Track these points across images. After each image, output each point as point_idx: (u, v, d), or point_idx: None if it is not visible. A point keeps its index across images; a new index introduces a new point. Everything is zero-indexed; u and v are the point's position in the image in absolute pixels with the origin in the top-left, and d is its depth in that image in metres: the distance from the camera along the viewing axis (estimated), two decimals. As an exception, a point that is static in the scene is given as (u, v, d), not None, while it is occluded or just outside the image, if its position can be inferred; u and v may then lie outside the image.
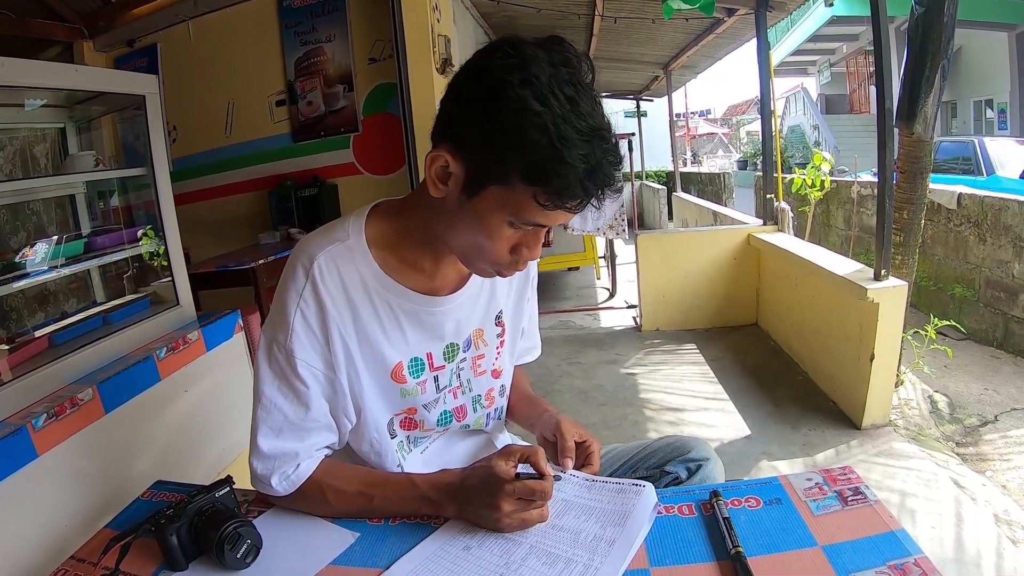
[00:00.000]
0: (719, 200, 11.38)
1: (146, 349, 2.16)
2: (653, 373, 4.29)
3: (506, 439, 1.38)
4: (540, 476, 1.02)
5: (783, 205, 4.83)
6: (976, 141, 9.55)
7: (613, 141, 0.92)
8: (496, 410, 1.31)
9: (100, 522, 1.16)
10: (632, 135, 6.05)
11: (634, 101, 12.72)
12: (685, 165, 19.09)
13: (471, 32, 5.68)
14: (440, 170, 0.98)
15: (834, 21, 18.24)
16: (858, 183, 6.60)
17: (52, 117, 2.68)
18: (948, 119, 17.91)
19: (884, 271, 3.11)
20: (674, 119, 10.44)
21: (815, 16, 19.05)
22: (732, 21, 5.98)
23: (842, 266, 3.52)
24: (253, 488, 1.12)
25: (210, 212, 4.80)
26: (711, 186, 13.07)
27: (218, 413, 2.38)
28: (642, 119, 12.05)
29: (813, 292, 3.93)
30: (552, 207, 0.92)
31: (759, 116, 5.52)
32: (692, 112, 24.76)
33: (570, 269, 7.32)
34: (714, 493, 1.05)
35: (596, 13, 6.03)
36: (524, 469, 1.04)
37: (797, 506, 1.02)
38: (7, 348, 1.95)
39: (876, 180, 3.58)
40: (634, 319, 5.49)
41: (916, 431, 3.22)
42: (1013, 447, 3.22)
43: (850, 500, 1.02)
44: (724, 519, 0.98)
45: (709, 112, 35.45)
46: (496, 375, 1.28)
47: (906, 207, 3.50)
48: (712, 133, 33.40)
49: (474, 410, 1.26)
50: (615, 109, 16.66)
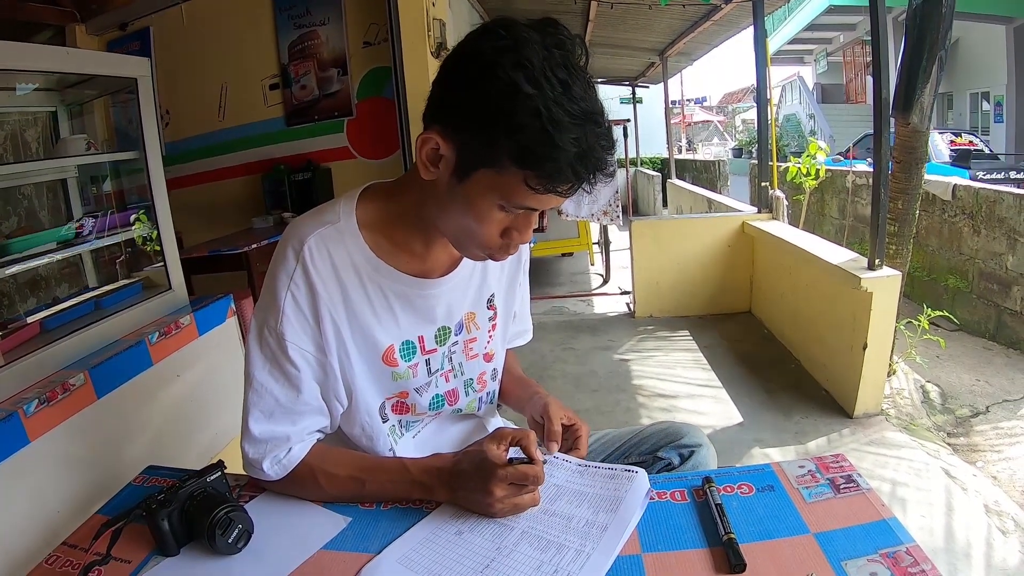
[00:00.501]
0: (714, 187, 11.39)
1: (138, 334, 2.15)
2: (646, 359, 4.30)
3: (498, 423, 1.37)
4: (531, 461, 1.02)
5: (778, 193, 4.83)
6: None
7: (606, 125, 0.91)
8: (488, 394, 1.31)
9: (92, 507, 1.15)
10: (627, 121, 6.04)
11: (630, 87, 12.66)
12: (680, 152, 19.06)
13: (466, 16, 5.65)
14: (431, 152, 0.97)
15: (831, 10, 18.21)
16: (853, 172, 6.61)
17: (44, 101, 2.65)
18: (944, 111, 17.93)
19: (878, 260, 3.11)
20: (670, 106, 10.40)
21: (813, 5, 19.01)
22: (729, 8, 5.96)
23: (836, 255, 3.53)
24: (245, 473, 1.12)
25: (203, 196, 4.78)
26: (706, 173, 13.08)
27: (210, 398, 2.38)
28: (637, 105, 11.98)
29: (807, 280, 3.94)
30: (543, 191, 0.91)
31: (755, 104, 5.51)
32: (688, 99, 24.66)
33: (564, 255, 7.32)
34: (707, 479, 1.05)
35: (592, -2, 6.00)
36: (515, 453, 1.04)
37: (790, 493, 1.02)
38: (-1, 333, 1.94)
39: (871, 170, 3.57)
40: (628, 305, 5.49)
41: (908, 421, 3.23)
42: (1004, 438, 3.25)
43: (842, 488, 1.02)
44: (716, 505, 0.98)
45: (705, 100, 35.31)
46: (488, 359, 1.28)
47: (901, 197, 3.50)
48: (708, 121, 33.36)
49: (466, 394, 1.25)
50: (610, 95, 16.58)
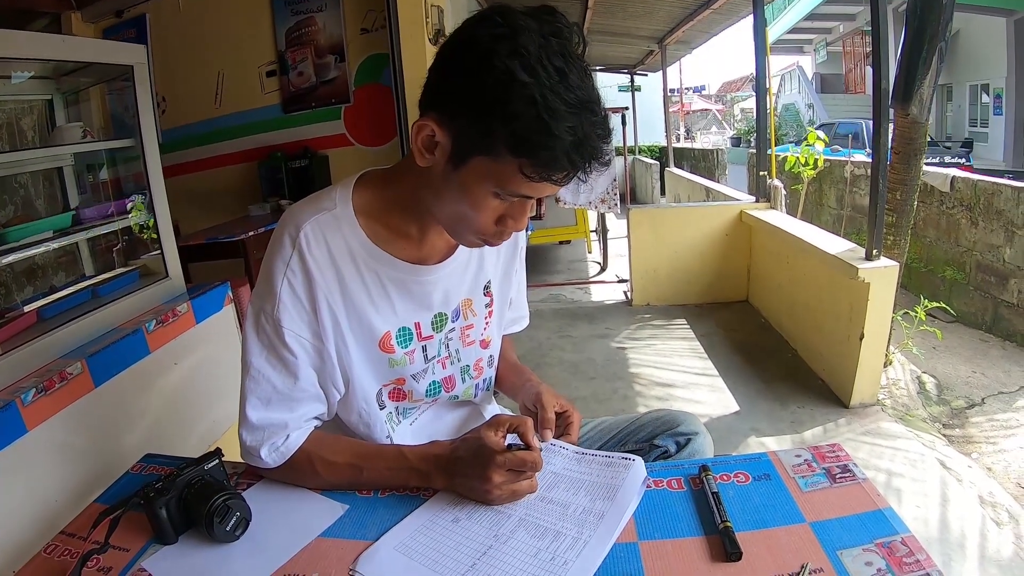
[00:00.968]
0: (712, 176, 11.37)
1: (135, 322, 2.14)
2: (643, 348, 4.31)
3: (495, 410, 1.38)
4: (527, 448, 1.02)
5: (776, 183, 4.83)
6: (863, 123, 13.45)
7: (602, 114, 0.91)
8: (485, 381, 1.32)
9: (90, 496, 1.16)
10: (626, 109, 6.03)
11: (628, 75, 12.63)
12: (678, 141, 19.03)
13: (464, 3, 5.61)
14: (426, 139, 0.97)
15: (831, 0, 18.16)
16: (851, 162, 6.60)
17: (39, 89, 2.63)
18: (943, 102, 17.92)
19: (876, 251, 3.11)
20: (668, 94, 10.37)
21: (812, -7, 18.96)
22: (728, -3, 5.95)
23: (834, 245, 3.53)
24: (243, 461, 1.12)
25: (199, 184, 4.77)
26: (704, 162, 13.06)
27: (208, 386, 2.37)
28: (636, 93, 11.96)
29: (804, 270, 3.94)
30: (538, 179, 0.91)
31: (754, 93, 5.50)
32: (686, 88, 24.60)
33: (561, 243, 7.32)
34: (703, 468, 1.05)
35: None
36: (512, 440, 1.05)
37: (786, 482, 1.02)
38: (-5, 323, 1.93)
39: (869, 160, 3.57)
40: (625, 293, 5.50)
41: (904, 411, 3.24)
42: (999, 430, 3.26)
43: (838, 477, 1.02)
44: (713, 494, 0.98)
45: (704, 88, 35.24)
46: (485, 345, 1.28)
47: (899, 188, 3.50)
48: (706, 109, 33.28)
49: (463, 380, 1.26)
50: (609, 83, 16.54)
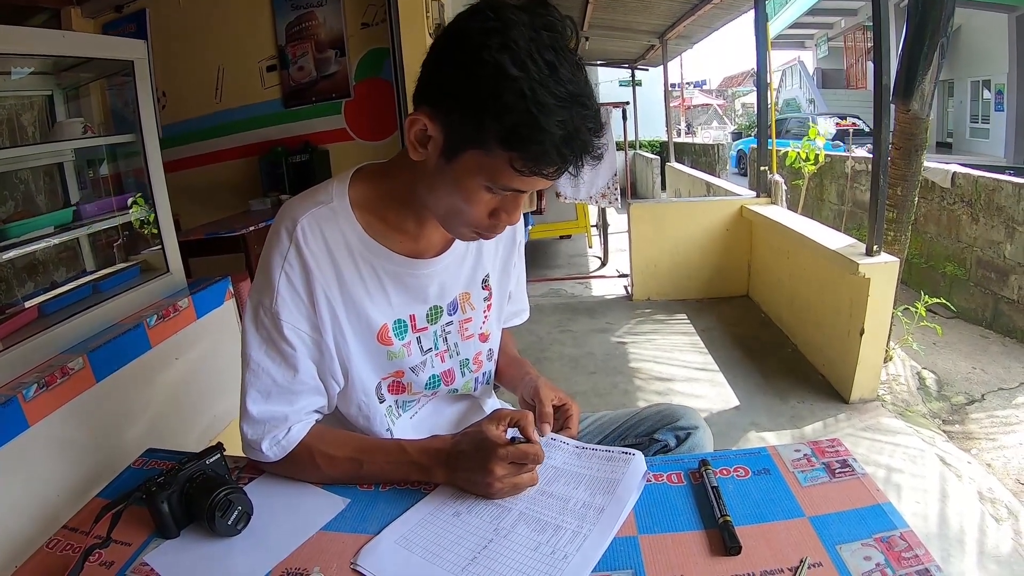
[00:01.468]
0: (712, 171, 11.36)
1: (136, 317, 2.14)
2: (644, 342, 4.31)
3: (495, 404, 1.38)
4: (528, 441, 1.03)
5: (777, 178, 4.83)
6: (810, 116, 15.17)
7: (593, 107, 0.91)
8: (484, 374, 1.32)
9: (92, 491, 1.16)
10: (626, 104, 6.01)
11: (629, 70, 12.61)
12: (679, 135, 18.99)
13: (465, -3, 5.61)
14: (419, 133, 0.97)
15: (833, -6, 18.14)
16: (852, 158, 6.59)
17: (39, 84, 2.63)
18: (945, 98, 17.87)
19: (876, 247, 3.11)
20: (669, 89, 10.35)
21: (814, -12, 18.93)
22: (730, -9, 5.93)
23: (834, 240, 3.53)
24: (244, 455, 1.13)
25: (200, 179, 4.76)
26: (705, 157, 13.04)
27: (209, 380, 2.38)
28: (637, 88, 11.93)
29: (805, 265, 3.95)
30: (528, 173, 0.92)
31: (755, 88, 5.49)
32: (687, 83, 24.55)
33: (562, 237, 7.30)
34: (703, 462, 1.06)
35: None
36: (513, 434, 1.05)
37: (785, 477, 1.03)
38: (-3, 318, 1.93)
39: (870, 156, 3.57)
40: (625, 288, 5.50)
41: (903, 407, 3.25)
42: (999, 426, 3.26)
43: (838, 472, 1.03)
44: (712, 488, 0.98)
45: (705, 83, 35.15)
46: (483, 339, 1.28)
47: (900, 184, 3.50)
48: (707, 104, 33.20)
49: (462, 374, 1.26)
50: (610, 78, 16.50)
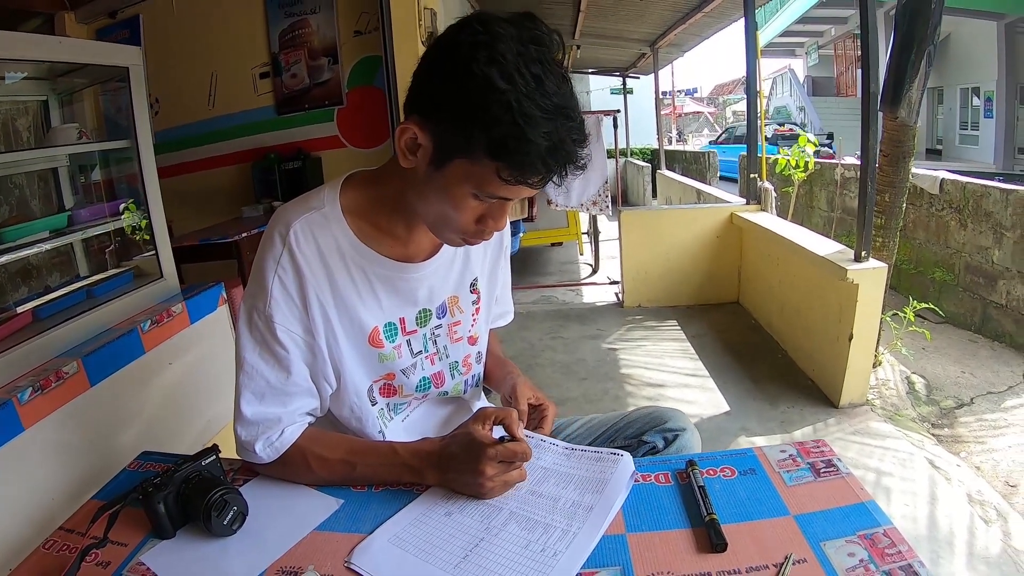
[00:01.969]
0: (703, 179, 11.40)
1: (130, 322, 2.15)
2: (634, 348, 4.33)
3: (484, 406, 1.40)
4: (513, 438, 1.05)
5: (766, 185, 4.86)
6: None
7: (578, 120, 0.94)
8: (473, 377, 1.34)
9: (86, 494, 1.16)
10: (617, 112, 6.04)
11: (621, 78, 12.67)
12: (670, 143, 19.07)
13: (457, 5, 5.62)
14: (409, 142, 1.00)
15: (823, 3, 18.26)
16: (842, 165, 6.64)
17: (34, 89, 2.64)
18: (935, 105, 18.01)
19: (864, 253, 3.14)
20: (660, 97, 10.42)
21: (804, -3, 19.04)
22: (720, 0, 5.97)
23: (823, 247, 3.56)
24: (238, 457, 1.14)
25: (192, 185, 4.75)
26: (695, 165, 13.09)
27: (202, 385, 2.38)
28: (628, 96, 11.99)
29: (794, 272, 3.97)
30: (514, 182, 0.94)
31: (745, 96, 5.53)
32: (678, 90, 24.67)
33: (553, 244, 7.34)
34: (690, 463, 1.07)
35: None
36: (500, 432, 1.08)
37: (771, 476, 1.04)
38: (-8, 322, 1.94)
39: (860, 163, 3.61)
40: (616, 295, 5.52)
41: (893, 411, 3.27)
42: (988, 430, 3.29)
43: (822, 472, 1.04)
44: (699, 487, 1.00)
45: (696, 91, 35.35)
46: (472, 342, 1.31)
47: (888, 190, 3.54)
48: (698, 112, 33.40)
49: (452, 376, 1.28)
50: (601, 85, 16.57)
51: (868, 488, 1.01)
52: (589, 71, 13.49)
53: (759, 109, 5.13)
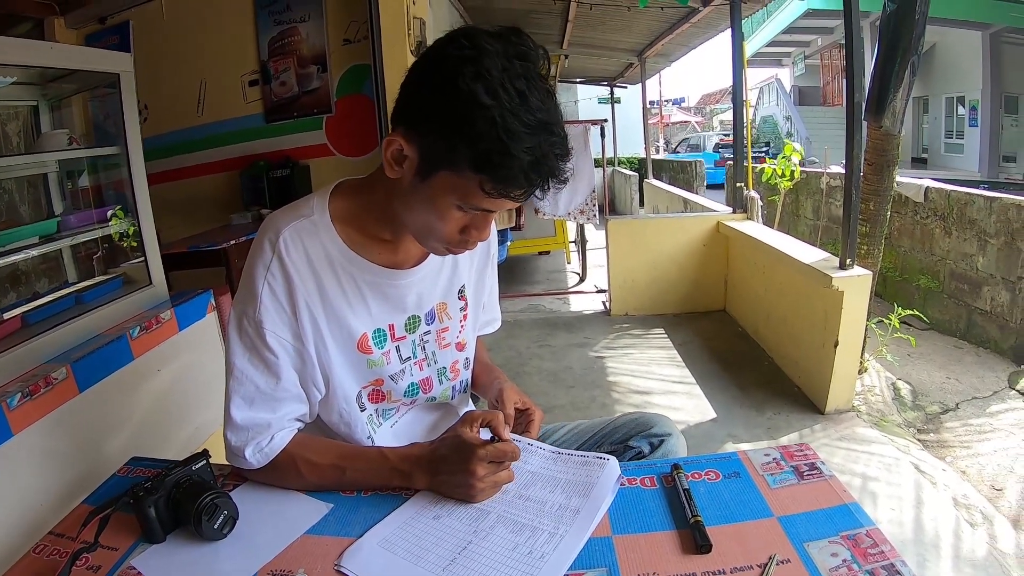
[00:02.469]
0: (690, 188, 11.46)
1: (119, 328, 2.15)
2: (622, 356, 4.35)
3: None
4: (500, 440, 1.07)
5: (753, 194, 4.90)
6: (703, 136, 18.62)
7: (561, 135, 0.96)
8: (461, 382, 1.35)
9: (76, 500, 1.16)
10: (605, 121, 6.07)
11: (608, 88, 12.73)
12: (657, 152, 19.16)
13: (446, 15, 5.65)
14: (395, 152, 1.01)
15: (809, 14, 18.42)
16: (827, 174, 6.70)
17: (24, 95, 2.63)
18: (920, 114, 18.21)
19: (849, 260, 3.17)
20: (648, 106, 10.47)
21: (791, 8, 19.20)
22: (707, 11, 6.01)
23: (809, 255, 3.59)
24: (228, 463, 1.14)
25: (181, 192, 4.73)
26: (683, 174, 13.15)
27: (191, 392, 2.38)
28: (616, 106, 12.05)
29: (780, 280, 4.00)
30: (497, 195, 0.96)
31: (732, 105, 5.58)
32: (666, 100, 24.82)
33: (541, 253, 7.35)
34: (675, 466, 1.09)
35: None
36: (487, 435, 1.09)
37: (755, 479, 1.06)
38: (-20, 329, 1.93)
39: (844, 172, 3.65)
40: (603, 303, 5.54)
41: (878, 417, 3.30)
42: (973, 434, 3.33)
43: (806, 475, 1.06)
44: (684, 490, 1.02)
45: (683, 100, 35.61)
46: (460, 348, 1.32)
47: (873, 198, 3.58)
48: (685, 121, 33.54)
49: (440, 382, 1.29)
50: (589, 95, 16.64)
51: (854, 493, 1.03)
52: (577, 80, 13.56)
53: (745, 119, 5.17)
